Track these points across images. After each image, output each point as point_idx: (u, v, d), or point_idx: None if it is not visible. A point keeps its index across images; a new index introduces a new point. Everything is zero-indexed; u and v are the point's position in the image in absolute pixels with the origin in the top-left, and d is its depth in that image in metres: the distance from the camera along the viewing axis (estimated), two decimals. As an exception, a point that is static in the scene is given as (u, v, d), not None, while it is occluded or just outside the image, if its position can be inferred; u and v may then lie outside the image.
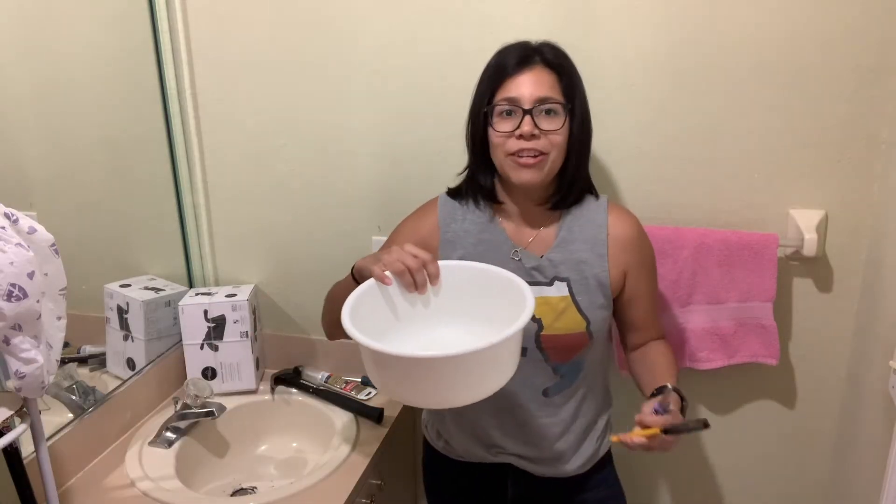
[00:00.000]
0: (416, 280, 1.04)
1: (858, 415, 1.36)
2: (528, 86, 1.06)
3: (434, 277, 1.06)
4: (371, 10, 1.45)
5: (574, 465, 1.22)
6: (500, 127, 1.08)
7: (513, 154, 1.07)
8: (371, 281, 1.05)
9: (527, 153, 1.06)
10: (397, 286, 1.05)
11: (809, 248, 1.30)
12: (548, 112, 1.06)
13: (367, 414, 1.54)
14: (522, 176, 1.08)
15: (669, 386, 1.07)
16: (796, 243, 1.33)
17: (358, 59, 1.49)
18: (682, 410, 1.05)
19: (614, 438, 1.01)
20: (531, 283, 1.13)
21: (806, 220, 1.33)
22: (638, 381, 1.20)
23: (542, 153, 1.06)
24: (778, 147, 1.34)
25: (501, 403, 1.19)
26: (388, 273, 1.04)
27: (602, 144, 1.41)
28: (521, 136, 1.05)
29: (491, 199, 1.19)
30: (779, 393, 1.49)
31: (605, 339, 1.22)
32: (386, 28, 1.45)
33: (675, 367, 1.16)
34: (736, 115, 1.34)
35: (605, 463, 1.28)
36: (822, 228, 1.34)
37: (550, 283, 1.14)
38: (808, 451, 1.51)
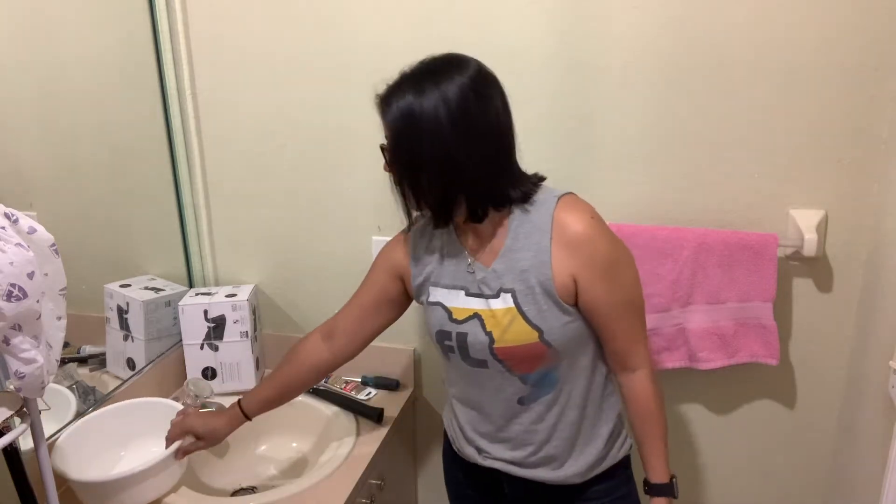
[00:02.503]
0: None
1: (858, 415, 1.36)
2: None
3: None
4: (371, 9, 1.45)
5: (569, 471, 1.18)
6: None
7: None
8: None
9: None
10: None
11: (809, 248, 1.30)
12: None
13: (367, 414, 1.54)
14: None
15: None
16: (796, 243, 1.33)
17: (358, 59, 1.49)
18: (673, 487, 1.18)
19: None
20: (479, 296, 1.13)
21: (806, 220, 1.33)
22: (633, 432, 1.21)
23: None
24: (778, 147, 1.34)
25: (480, 412, 1.19)
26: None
27: (602, 144, 1.41)
28: None
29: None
30: (779, 393, 1.49)
31: (594, 347, 1.16)
32: (386, 27, 1.45)
33: (663, 433, 1.17)
34: (736, 115, 1.34)
35: (614, 472, 1.22)
36: (822, 228, 1.34)
37: (497, 295, 1.12)
38: (808, 451, 1.51)
